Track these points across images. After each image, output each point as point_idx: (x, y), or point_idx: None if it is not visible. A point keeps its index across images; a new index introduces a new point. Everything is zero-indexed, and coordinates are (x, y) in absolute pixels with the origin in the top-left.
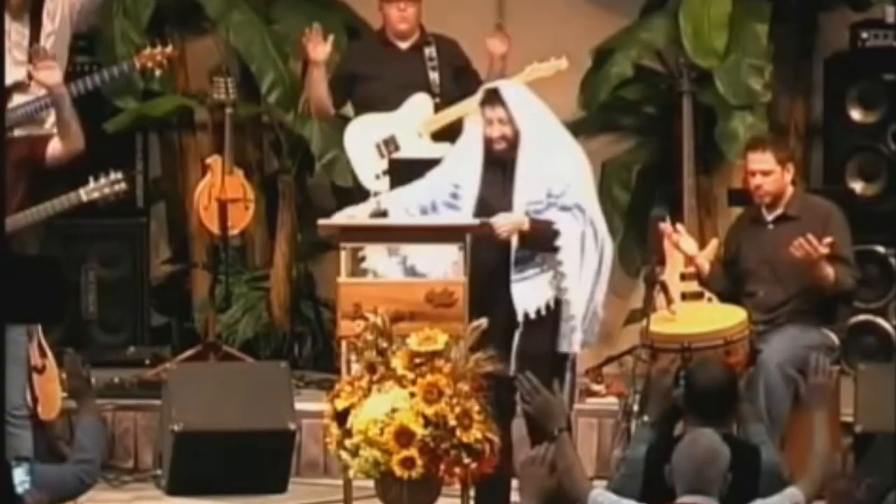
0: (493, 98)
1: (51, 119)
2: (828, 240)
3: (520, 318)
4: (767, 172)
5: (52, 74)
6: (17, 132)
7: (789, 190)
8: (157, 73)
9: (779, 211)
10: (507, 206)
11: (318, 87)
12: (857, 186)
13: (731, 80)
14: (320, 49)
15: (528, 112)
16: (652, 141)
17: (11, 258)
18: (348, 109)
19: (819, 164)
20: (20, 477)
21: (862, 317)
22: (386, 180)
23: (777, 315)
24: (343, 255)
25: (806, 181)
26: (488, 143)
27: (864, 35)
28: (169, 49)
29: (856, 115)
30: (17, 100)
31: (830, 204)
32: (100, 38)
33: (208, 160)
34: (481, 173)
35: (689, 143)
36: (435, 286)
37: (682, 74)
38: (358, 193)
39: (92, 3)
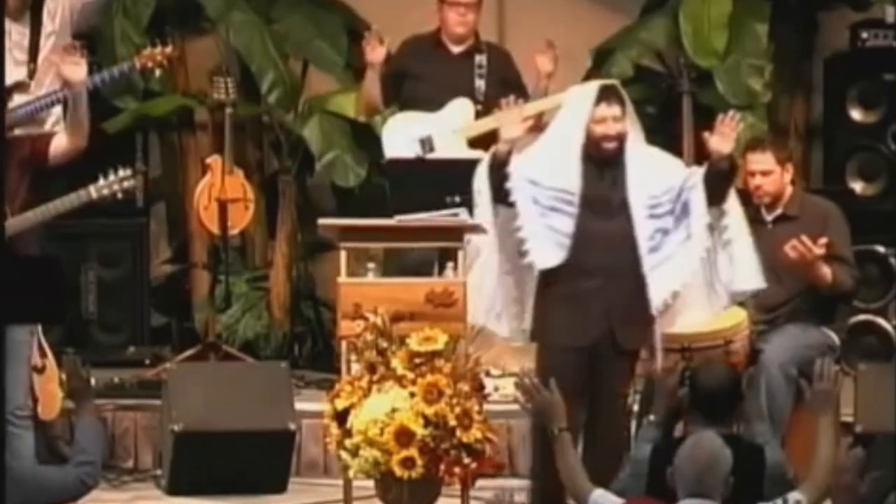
0: (612, 95)
1: (51, 119)
2: (823, 240)
3: (657, 306)
4: (767, 173)
5: (79, 70)
6: (17, 132)
7: (788, 190)
8: (157, 72)
9: (778, 211)
10: (617, 202)
11: (373, 88)
12: (857, 186)
13: (731, 80)
14: (377, 51)
15: (630, 112)
16: (652, 141)
17: (11, 258)
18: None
19: (819, 164)
20: None
21: (862, 317)
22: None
23: (777, 315)
24: (343, 255)
25: (806, 181)
26: (597, 140)
27: (864, 35)
28: (169, 49)
29: (856, 115)
30: (17, 100)
31: (830, 203)
32: (100, 38)
33: (208, 160)
34: (581, 171)
35: (689, 143)
36: (435, 286)
37: (682, 74)
38: (359, 193)
39: (93, 3)
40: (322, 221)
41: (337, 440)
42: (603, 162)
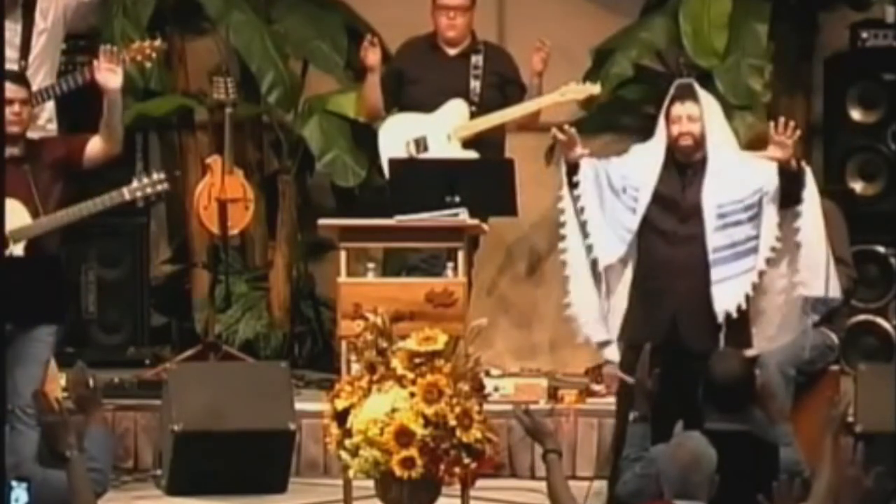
0: (686, 93)
1: (44, 115)
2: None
3: (720, 319)
4: None
5: (114, 78)
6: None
7: None
8: (147, 65)
9: None
10: (690, 205)
11: (374, 92)
12: (857, 186)
13: (731, 80)
14: (372, 54)
15: (716, 114)
16: None
17: (11, 258)
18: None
19: (819, 164)
20: (21, 498)
21: (862, 317)
22: None
23: None
24: (343, 255)
25: None
26: (673, 140)
27: (864, 35)
28: (158, 42)
29: (856, 115)
30: None
31: (828, 202)
32: (100, 38)
33: (208, 160)
34: (661, 171)
35: None
36: (435, 286)
37: (682, 74)
38: (359, 193)
39: (89, 3)
40: (322, 221)
41: (337, 440)
42: (684, 163)
